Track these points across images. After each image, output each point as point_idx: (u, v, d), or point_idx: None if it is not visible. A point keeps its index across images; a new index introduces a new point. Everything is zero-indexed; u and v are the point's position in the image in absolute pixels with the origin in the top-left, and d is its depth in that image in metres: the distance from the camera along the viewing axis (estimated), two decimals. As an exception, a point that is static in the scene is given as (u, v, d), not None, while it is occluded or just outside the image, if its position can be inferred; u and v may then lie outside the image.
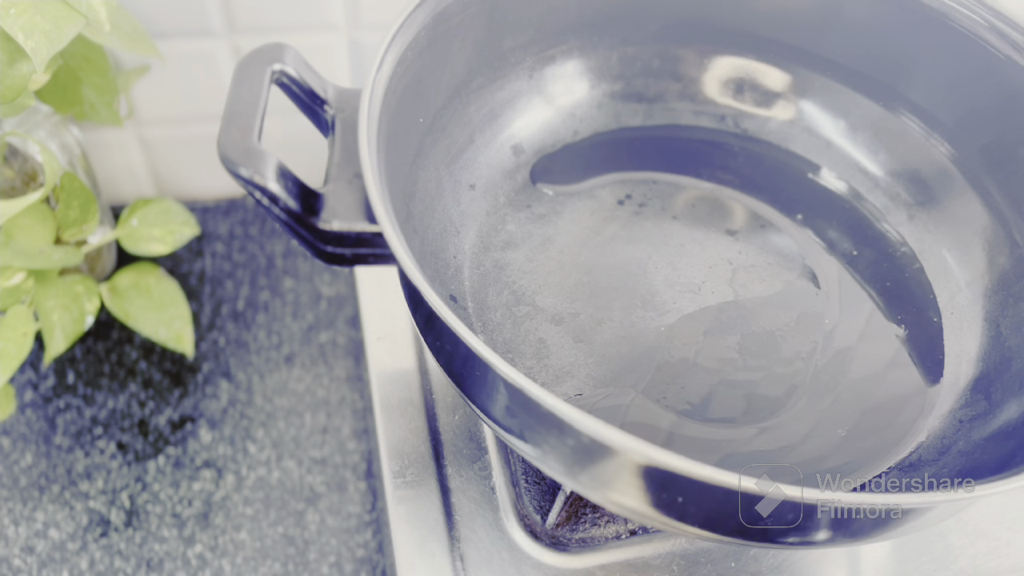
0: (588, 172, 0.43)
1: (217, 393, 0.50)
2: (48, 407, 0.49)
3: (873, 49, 0.41)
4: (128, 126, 0.52)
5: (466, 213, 0.40)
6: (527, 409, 0.26)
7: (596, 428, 0.24)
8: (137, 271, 0.48)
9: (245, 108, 0.29)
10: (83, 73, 0.43)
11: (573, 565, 0.35)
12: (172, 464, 0.47)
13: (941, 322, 0.39)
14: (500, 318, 0.37)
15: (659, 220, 0.42)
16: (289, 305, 0.54)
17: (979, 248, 0.40)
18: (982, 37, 0.37)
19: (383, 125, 0.31)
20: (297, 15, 0.48)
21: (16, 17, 0.35)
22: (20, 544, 0.44)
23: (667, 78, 0.44)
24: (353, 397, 0.50)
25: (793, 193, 0.43)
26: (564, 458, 0.27)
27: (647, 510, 0.27)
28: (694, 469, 0.23)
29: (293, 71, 0.31)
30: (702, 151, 0.44)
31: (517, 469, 0.37)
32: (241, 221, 0.58)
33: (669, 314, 0.38)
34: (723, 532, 0.27)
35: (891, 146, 0.43)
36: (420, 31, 0.33)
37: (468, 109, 0.40)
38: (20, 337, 0.42)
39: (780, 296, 0.39)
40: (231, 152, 0.27)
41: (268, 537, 0.45)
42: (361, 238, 0.29)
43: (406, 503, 0.36)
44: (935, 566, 0.37)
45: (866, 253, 0.41)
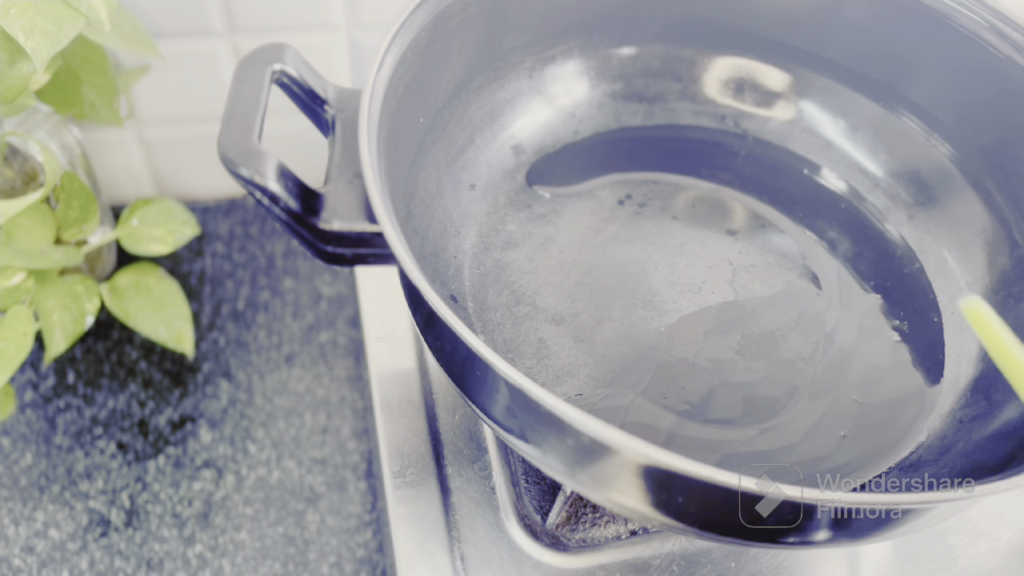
0: (588, 172, 0.43)
1: (217, 393, 0.50)
2: (48, 407, 0.49)
3: (873, 49, 0.41)
4: (128, 126, 0.52)
5: (466, 213, 0.40)
6: (527, 409, 0.26)
7: (596, 428, 0.24)
8: (137, 271, 0.48)
9: (245, 108, 0.29)
10: (83, 73, 0.43)
11: (573, 565, 0.35)
12: (172, 464, 0.47)
13: (941, 322, 0.39)
14: (500, 318, 0.37)
15: (659, 220, 0.42)
16: (289, 305, 0.54)
17: (979, 248, 0.40)
18: (982, 37, 0.37)
19: (383, 125, 0.31)
20: (297, 15, 0.48)
21: (16, 17, 0.35)
22: (20, 544, 0.44)
23: (667, 78, 0.44)
24: (353, 397, 0.50)
25: (793, 193, 0.43)
26: (564, 458, 0.27)
27: (647, 510, 0.27)
28: (694, 469, 0.23)
29: (293, 71, 0.31)
30: (702, 151, 0.44)
31: (517, 469, 0.37)
32: (241, 221, 0.58)
33: (669, 314, 0.38)
34: (723, 532, 0.27)
35: (891, 146, 0.43)
36: (420, 31, 0.33)
37: (468, 109, 0.40)
38: (20, 337, 0.42)
39: (780, 296, 0.39)
40: (231, 152, 0.27)
41: (268, 537, 0.45)
42: (361, 238, 0.29)
43: (406, 503, 0.36)
44: (935, 566, 0.37)
45: (866, 253, 0.41)
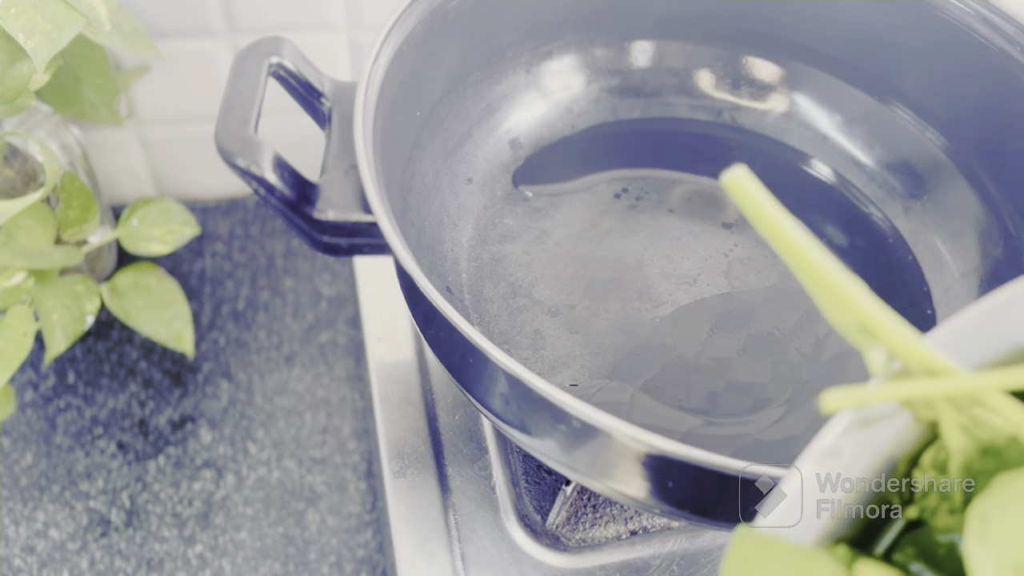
0: (585, 166, 0.43)
1: (217, 393, 0.50)
2: (48, 407, 0.49)
3: (867, 43, 0.41)
4: (128, 126, 0.53)
5: (463, 206, 0.40)
6: (524, 398, 0.26)
7: (590, 413, 0.24)
8: (137, 271, 0.48)
9: (242, 100, 0.29)
10: (83, 73, 0.43)
11: (573, 565, 0.35)
12: (172, 464, 0.47)
13: (935, 314, 0.39)
14: (497, 310, 0.37)
15: (655, 213, 0.42)
16: (289, 305, 0.54)
17: (973, 239, 0.40)
18: (975, 29, 0.37)
19: (379, 118, 0.31)
20: (297, 15, 0.49)
21: (16, 17, 0.35)
22: (20, 544, 0.44)
23: (663, 73, 0.44)
24: (353, 397, 0.50)
25: (789, 186, 0.43)
26: (562, 447, 0.27)
27: (647, 498, 0.27)
28: (692, 454, 0.23)
29: (290, 64, 0.31)
30: (699, 145, 0.44)
31: (517, 469, 0.37)
32: (241, 221, 0.58)
33: (664, 306, 0.38)
34: (722, 519, 0.27)
35: (886, 139, 0.43)
36: (416, 25, 0.33)
37: (466, 103, 0.40)
38: (20, 337, 0.42)
39: (776, 288, 0.39)
40: (228, 143, 0.27)
41: (268, 537, 0.45)
42: (356, 228, 0.29)
43: (406, 503, 0.36)
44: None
45: (860, 245, 0.41)
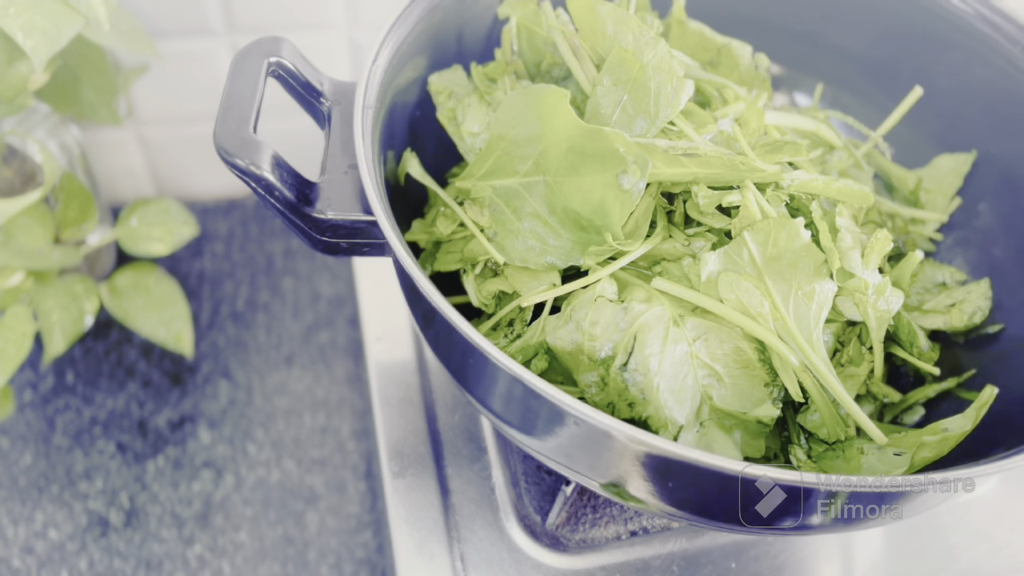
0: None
1: (217, 393, 0.50)
2: (47, 407, 0.48)
3: (865, 38, 0.41)
4: (128, 126, 0.53)
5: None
6: (524, 398, 0.26)
7: (592, 414, 0.23)
8: (136, 271, 0.48)
9: (241, 100, 0.29)
10: (83, 73, 0.43)
11: (573, 565, 0.35)
12: (171, 464, 0.47)
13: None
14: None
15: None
16: (289, 305, 0.54)
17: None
18: (977, 28, 0.37)
19: (379, 118, 0.31)
20: (297, 15, 0.49)
21: (16, 17, 0.35)
22: (20, 544, 0.44)
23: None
24: (353, 397, 0.50)
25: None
26: (563, 448, 0.27)
27: (647, 497, 0.27)
28: (694, 455, 0.23)
29: (290, 64, 0.31)
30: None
31: (517, 469, 0.37)
32: (241, 221, 0.58)
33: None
34: (719, 519, 0.27)
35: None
36: (416, 25, 0.33)
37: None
38: (19, 337, 0.42)
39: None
40: (227, 143, 0.27)
41: (268, 537, 0.45)
42: (356, 227, 0.29)
43: (406, 504, 0.36)
44: (936, 566, 0.36)
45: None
